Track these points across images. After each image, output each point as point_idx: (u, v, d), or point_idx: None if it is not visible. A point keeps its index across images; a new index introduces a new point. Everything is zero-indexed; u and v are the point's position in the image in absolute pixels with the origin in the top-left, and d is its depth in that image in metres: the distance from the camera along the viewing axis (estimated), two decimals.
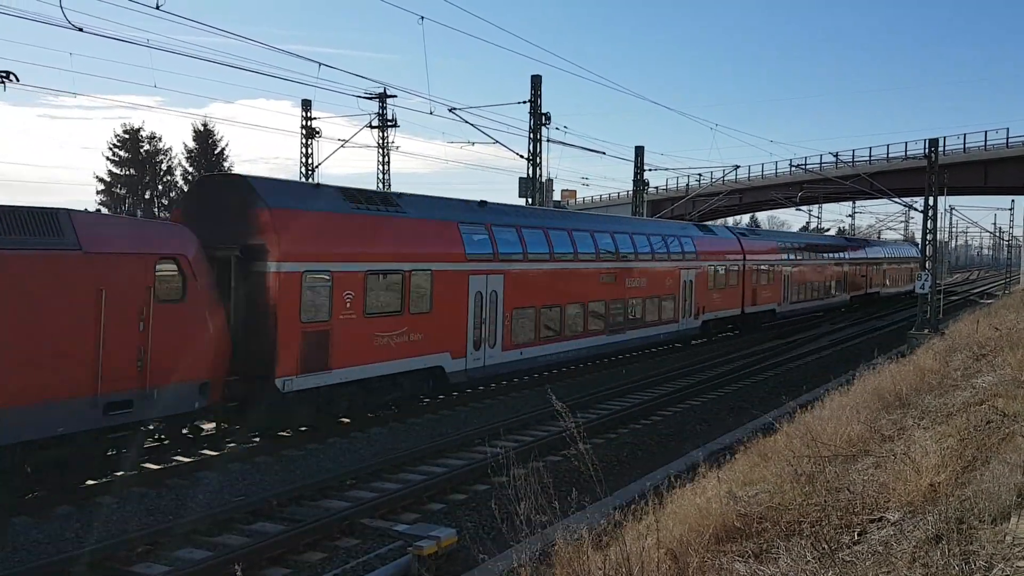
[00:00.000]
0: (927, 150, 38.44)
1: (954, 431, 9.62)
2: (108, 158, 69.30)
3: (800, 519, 7.30)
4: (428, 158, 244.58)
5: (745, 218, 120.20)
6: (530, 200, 34.68)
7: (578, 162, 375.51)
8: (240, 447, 14.80)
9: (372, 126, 45.77)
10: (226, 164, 69.04)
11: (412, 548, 9.56)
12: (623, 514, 7.93)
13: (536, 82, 33.97)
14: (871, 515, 7.16)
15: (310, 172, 45.52)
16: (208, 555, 10.09)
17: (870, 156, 66.30)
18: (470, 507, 12.34)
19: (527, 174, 34.99)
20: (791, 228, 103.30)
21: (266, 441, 15.33)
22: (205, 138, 69.13)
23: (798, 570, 6.05)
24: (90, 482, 12.42)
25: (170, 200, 67.65)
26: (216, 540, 10.70)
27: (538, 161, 34.48)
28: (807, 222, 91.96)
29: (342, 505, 12.08)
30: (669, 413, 19.68)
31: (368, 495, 12.60)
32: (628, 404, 20.14)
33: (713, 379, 24.08)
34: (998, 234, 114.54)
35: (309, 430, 16.32)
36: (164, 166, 70.66)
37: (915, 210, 45.49)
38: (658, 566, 6.38)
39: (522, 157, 34.52)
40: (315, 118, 46.15)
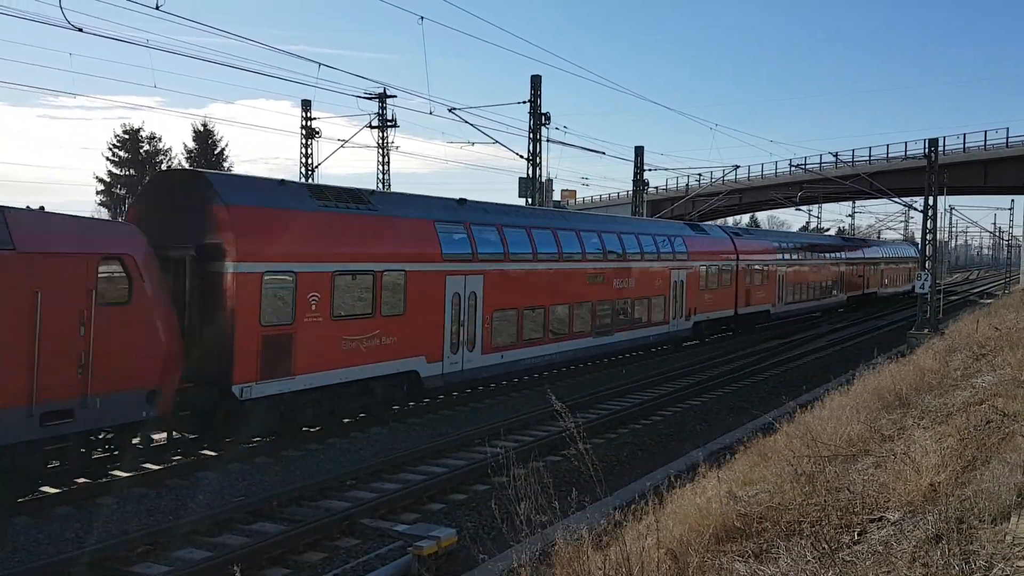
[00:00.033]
0: (927, 150, 38.48)
1: (954, 431, 9.62)
2: (108, 158, 69.50)
3: (800, 519, 7.30)
4: (428, 158, 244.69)
5: (745, 218, 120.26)
6: (530, 200, 34.68)
7: (578, 162, 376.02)
8: (240, 447, 14.79)
9: (372, 126, 45.83)
10: (226, 164, 69.17)
11: (412, 548, 9.56)
12: (623, 514, 7.94)
13: (536, 82, 33.97)
14: (871, 515, 7.16)
15: (310, 172, 45.52)
16: (208, 555, 10.10)
17: (870, 156, 66.33)
18: (470, 507, 12.35)
19: (527, 174, 34.99)
20: (791, 228, 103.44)
21: (266, 441, 15.32)
22: (205, 138, 69.19)
23: (798, 570, 6.05)
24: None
25: None
26: (216, 540, 10.70)
27: (538, 161, 34.49)
28: (807, 222, 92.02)
29: (342, 505, 12.09)
30: (669, 413, 19.70)
31: (368, 495, 12.61)
32: (628, 404, 20.15)
33: (713, 379, 24.09)
34: (998, 234, 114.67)
35: (310, 430, 16.32)
36: (164, 166, 70.70)
37: (915, 210, 45.49)
38: (658, 566, 6.38)
39: (522, 157, 34.54)
40: (315, 118, 46.20)
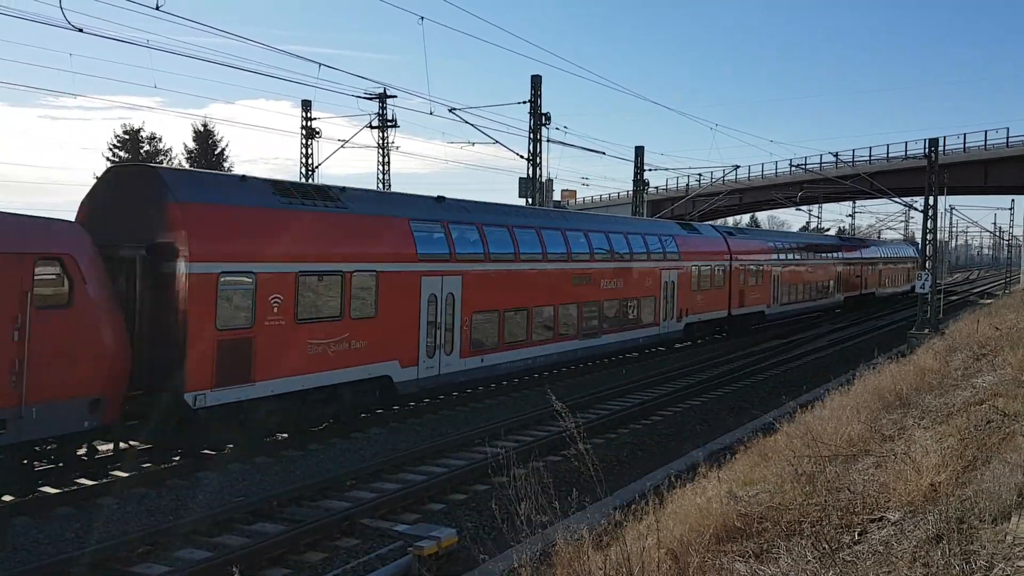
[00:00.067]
0: (927, 150, 38.48)
1: (954, 431, 9.62)
2: (108, 159, 69.28)
3: (800, 519, 7.30)
4: (428, 158, 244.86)
5: (745, 218, 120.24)
6: (530, 200, 34.69)
7: (578, 162, 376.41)
8: (240, 448, 14.79)
9: (372, 126, 45.83)
10: (226, 164, 69.06)
11: (412, 548, 9.56)
12: (623, 514, 7.94)
13: (536, 82, 33.98)
14: (872, 515, 7.16)
15: (310, 172, 45.52)
16: (208, 555, 10.10)
17: (870, 156, 66.32)
18: (470, 507, 12.34)
19: (527, 174, 34.99)
20: (791, 228, 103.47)
21: (266, 442, 15.32)
22: (205, 139, 69.11)
23: (799, 570, 6.05)
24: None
25: None
26: (216, 540, 10.70)
27: (538, 161, 34.50)
28: (807, 222, 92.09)
29: (342, 505, 12.09)
30: (669, 413, 19.70)
31: (368, 495, 12.61)
32: (628, 404, 20.15)
33: (713, 379, 24.09)
34: (998, 234, 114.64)
35: (312, 431, 16.31)
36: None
37: (915, 210, 45.49)
38: (659, 566, 6.38)
39: (522, 157, 34.55)
40: (315, 118, 46.16)
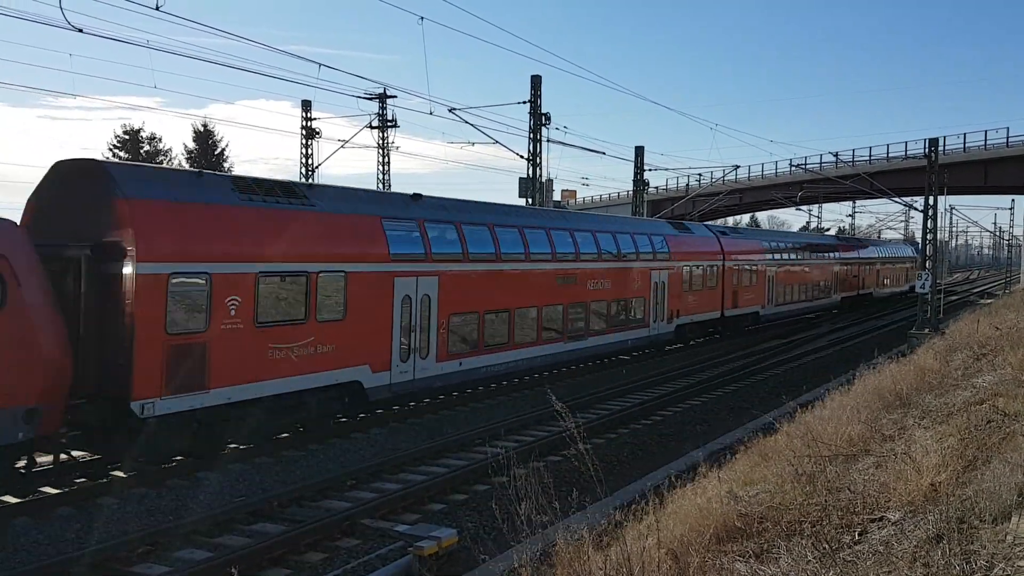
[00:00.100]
0: (927, 150, 38.50)
1: (955, 430, 9.61)
2: (108, 159, 69.39)
3: (801, 519, 7.30)
4: (428, 158, 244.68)
5: (745, 218, 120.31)
6: (530, 200, 34.70)
7: (578, 162, 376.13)
8: (240, 448, 14.79)
9: (372, 126, 45.82)
10: (226, 165, 69.02)
11: (413, 548, 9.57)
12: (624, 514, 7.94)
13: (536, 82, 33.99)
14: (872, 515, 7.16)
15: (310, 173, 45.53)
16: (209, 556, 10.10)
17: (870, 156, 66.31)
18: (471, 507, 12.35)
19: (527, 174, 35.01)
20: (791, 228, 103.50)
21: (266, 442, 15.31)
22: (205, 139, 69.08)
23: (799, 570, 6.04)
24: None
25: None
26: (217, 541, 10.71)
27: (538, 161, 34.51)
28: (807, 222, 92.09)
29: (343, 505, 12.10)
30: (669, 413, 19.71)
31: (369, 495, 12.62)
32: (628, 404, 20.16)
33: (713, 379, 24.10)
34: (998, 234, 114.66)
35: (308, 430, 16.32)
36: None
37: (915, 210, 45.42)
38: (659, 566, 6.38)
39: (522, 157, 34.56)
40: (315, 118, 46.19)
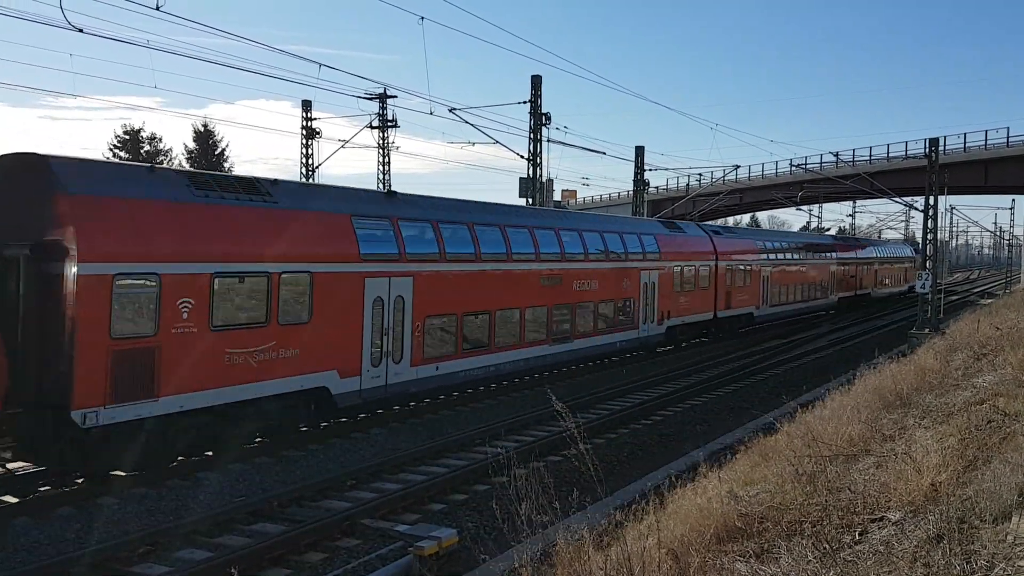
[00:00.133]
0: (927, 150, 38.52)
1: (955, 430, 9.61)
2: (108, 159, 69.42)
3: (801, 519, 7.30)
4: (428, 158, 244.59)
5: (746, 218, 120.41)
6: (530, 200, 34.70)
7: (578, 162, 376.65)
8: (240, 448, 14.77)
9: (372, 126, 45.78)
10: (226, 165, 69.06)
11: (413, 548, 9.56)
12: (624, 514, 7.94)
13: (536, 82, 33.99)
14: (872, 515, 7.15)
15: (310, 173, 45.53)
16: (209, 556, 10.10)
17: (870, 156, 66.30)
18: (471, 507, 12.35)
19: (527, 174, 35.02)
20: (792, 227, 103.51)
21: (266, 442, 15.32)
22: (205, 139, 69.09)
23: (799, 570, 6.04)
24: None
25: None
26: (217, 541, 10.70)
27: (538, 161, 34.51)
28: (807, 222, 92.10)
29: (343, 505, 12.09)
30: (669, 413, 19.71)
31: (369, 495, 12.61)
32: (628, 404, 20.16)
33: (713, 379, 24.10)
34: (998, 234, 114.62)
35: (310, 430, 16.33)
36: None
37: (915, 209, 45.43)
38: (659, 566, 6.38)
39: (522, 157, 34.57)
40: (315, 119, 46.15)
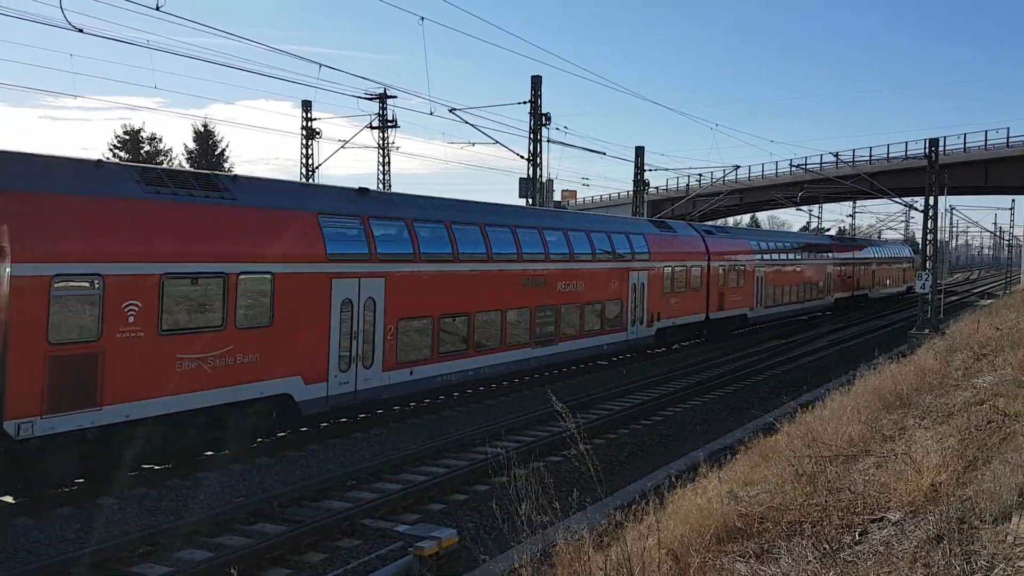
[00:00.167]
0: (927, 150, 38.52)
1: (955, 431, 9.61)
2: (108, 159, 69.38)
3: (801, 519, 7.30)
4: (428, 159, 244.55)
5: (746, 218, 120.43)
6: (530, 200, 34.71)
7: (578, 162, 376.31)
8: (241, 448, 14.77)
9: (372, 127, 45.77)
10: (227, 165, 69.06)
11: (413, 548, 9.56)
12: (624, 514, 7.94)
13: (536, 82, 33.99)
14: (872, 515, 7.16)
15: (310, 173, 45.54)
16: (209, 556, 10.10)
17: (870, 156, 66.30)
18: (471, 507, 12.35)
19: (527, 174, 35.01)
20: (792, 228, 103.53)
21: (266, 442, 15.32)
22: (205, 139, 69.09)
23: (799, 570, 6.04)
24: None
25: None
26: (217, 541, 10.71)
27: (538, 161, 34.50)
28: (808, 222, 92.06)
29: (343, 506, 12.09)
30: (669, 413, 19.71)
31: (369, 495, 12.61)
32: (628, 404, 20.16)
33: (713, 379, 24.10)
34: (998, 234, 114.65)
35: (311, 430, 16.34)
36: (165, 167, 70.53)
37: (915, 210, 45.52)
38: (659, 566, 6.38)
39: (522, 157, 34.56)
40: (315, 119, 46.16)
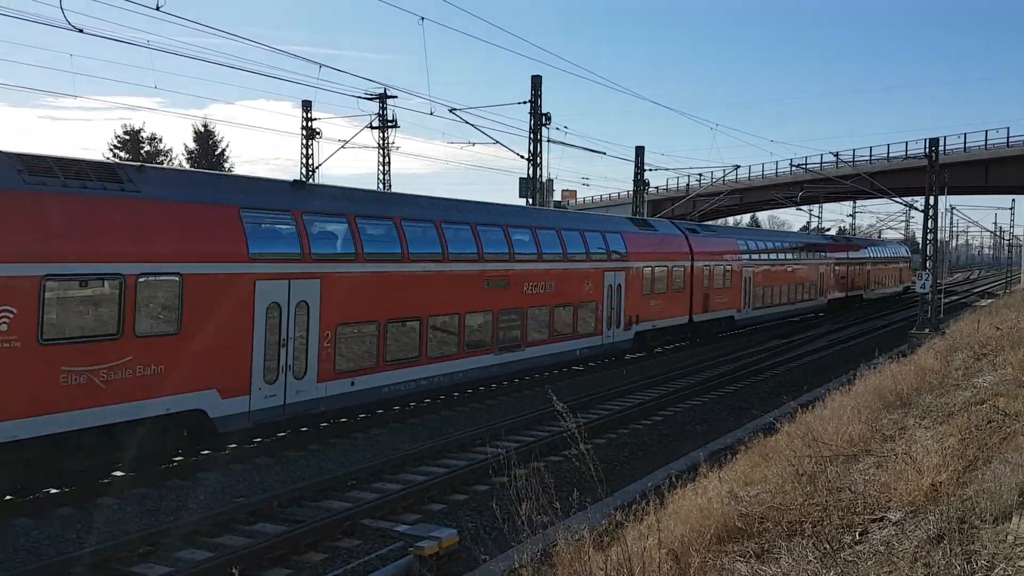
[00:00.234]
0: (927, 150, 38.49)
1: (955, 430, 9.61)
2: (108, 159, 69.32)
3: (801, 519, 7.30)
4: (428, 158, 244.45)
5: (746, 218, 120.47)
6: (531, 200, 34.71)
7: (579, 162, 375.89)
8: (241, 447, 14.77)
9: (372, 127, 45.76)
10: (227, 165, 69.04)
11: (413, 548, 9.56)
12: (624, 514, 7.94)
13: (536, 82, 33.97)
14: (872, 515, 7.16)
15: (310, 173, 45.53)
16: (209, 556, 10.10)
17: (870, 156, 66.31)
18: (471, 507, 12.35)
19: (527, 174, 35.01)
20: (792, 227, 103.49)
21: (267, 442, 15.31)
22: (205, 139, 69.07)
23: (800, 570, 6.04)
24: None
25: None
26: (217, 541, 10.71)
27: (538, 161, 34.49)
28: (808, 222, 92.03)
29: (343, 506, 12.09)
30: (670, 413, 19.70)
31: (369, 495, 12.61)
32: (629, 404, 20.15)
33: (713, 379, 24.09)
34: (998, 234, 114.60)
35: (310, 430, 16.33)
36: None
37: (916, 210, 45.39)
38: (659, 566, 6.38)
39: (522, 157, 34.54)
40: (315, 119, 46.22)
